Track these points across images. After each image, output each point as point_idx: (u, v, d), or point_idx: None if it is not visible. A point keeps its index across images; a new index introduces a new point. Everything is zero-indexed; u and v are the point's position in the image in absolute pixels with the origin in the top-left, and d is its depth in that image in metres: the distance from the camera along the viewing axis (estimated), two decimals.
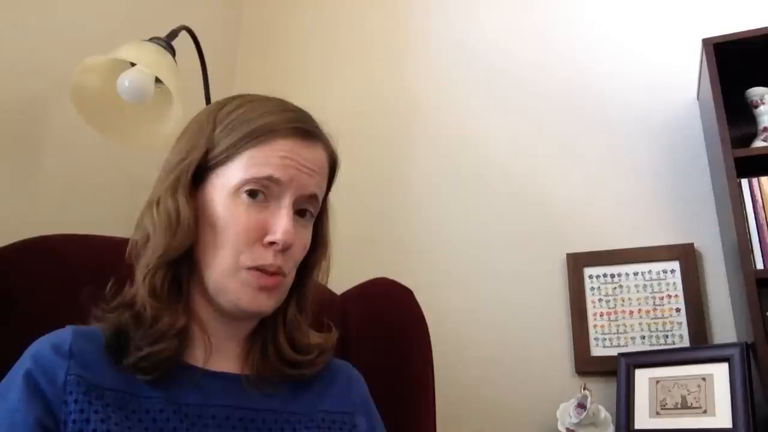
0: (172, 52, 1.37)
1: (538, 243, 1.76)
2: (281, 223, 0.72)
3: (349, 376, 0.88)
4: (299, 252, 0.77)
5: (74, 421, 0.64)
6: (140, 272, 0.72)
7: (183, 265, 0.73)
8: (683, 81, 1.73)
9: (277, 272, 0.72)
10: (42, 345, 0.69)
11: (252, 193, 0.72)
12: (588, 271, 1.69)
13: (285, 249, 0.72)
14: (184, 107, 1.29)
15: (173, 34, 1.42)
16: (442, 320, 1.63)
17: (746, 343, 1.39)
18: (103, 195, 1.51)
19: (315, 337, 0.83)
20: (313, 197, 0.77)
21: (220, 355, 0.77)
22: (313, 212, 0.79)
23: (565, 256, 1.72)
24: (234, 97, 0.81)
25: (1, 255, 0.99)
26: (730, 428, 1.30)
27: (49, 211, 1.37)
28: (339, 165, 0.84)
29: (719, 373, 1.38)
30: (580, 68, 1.86)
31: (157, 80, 1.31)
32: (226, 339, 0.78)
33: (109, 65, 1.31)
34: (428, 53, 2.04)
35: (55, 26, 1.43)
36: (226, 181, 0.73)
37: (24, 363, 0.67)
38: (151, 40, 1.36)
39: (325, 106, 0.83)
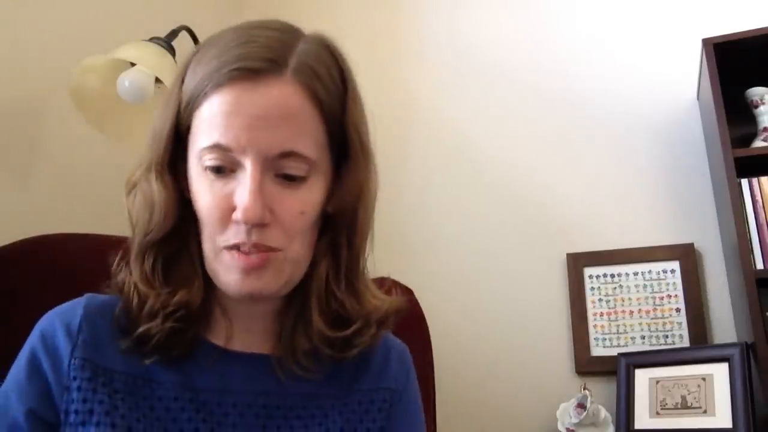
0: (172, 52, 1.38)
1: (538, 243, 1.76)
2: (242, 197, 0.59)
3: (389, 346, 0.77)
4: (291, 219, 0.61)
5: (76, 412, 0.60)
6: (132, 257, 0.66)
7: (186, 241, 0.65)
8: (683, 81, 1.73)
9: (260, 250, 0.61)
10: (51, 320, 0.65)
11: (215, 169, 0.60)
12: (588, 271, 1.69)
13: (258, 225, 0.60)
14: None
15: (173, 34, 1.42)
16: (442, 320, 1.63)
17: (746, 343, 1.39)
18: (103, 195, 1.51)
19: (362, 304, 0.69)
20: (288, 155, 0.60)
21: (249, 334, 0.69)
22: (302, 170, 0.61)
23: (565, 256, 1.72)
24: (219, 32, 0.66)
25: (1, 254, 0.99)
26: (730, 428, 1.30)
27: (49, 211, 1.37)
28: (343, 94, 0.66)
29: (719, 373, 1.38)
30: (579, 68, 1.86)
31: (157, 80, 1.32)
32: (252, 317, 0.69)
33: (109, 65, 1.31)
34: (429, 54, 2.04)
35: (55, 26, 1.43)
36: (193, 149, 0.63)
37: (32, 338, 0.64)
38: (151, 40, 1.37)
39: None
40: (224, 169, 0.60)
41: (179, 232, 0.65)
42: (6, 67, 1.30)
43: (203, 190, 0.61)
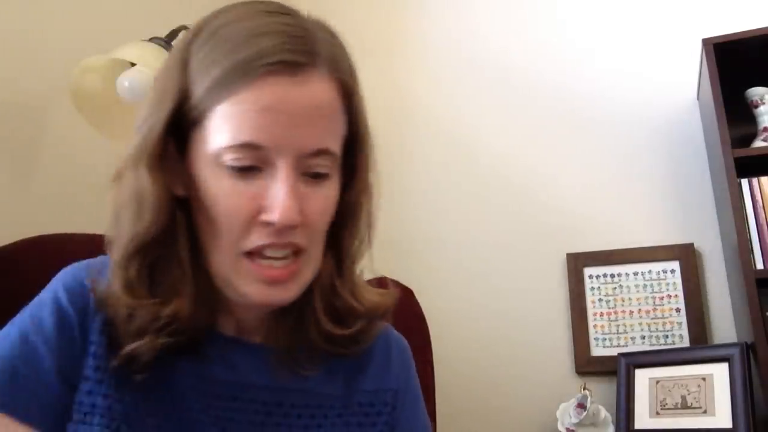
0: None
1: (538, 243, 1.76)
2: (278, 198, 0.55)
3: (388, 343, 0.74)
4: (316, 218, 0.59)
5: (86, 378, 0.56)
6: (113, 263, 0.59)
7: (175, 245, 0.59)
8: (683, 81, 1.73)
9: (287, 256, 0.57)
10: (79, 275, 0.61)
11: (239, 169, 0.56)
12: (588, 271, 1.69)
13: (289, 228, 0.56)
14: None
15: (173, 34, 1.42)
16: (442, 320, 1.63)
17: (746, 343, 1.39)
18: (103, 195, 1.51)
19: (362, 301, 0.66)
20: (321, 153, 0.57)
21: (248, 324, 0.66)
22: (329, 167, 0.59)
23: (565, 256, 1.72)
24: (212, 16, 0.60)
25: (1, 254, 0.99)
26: (730, 428, 1.30)
27: (49, 211, 1.37)
28: (356, 84, 0.63)
29: (719, 373, 1.38)
30: (580, 68, 1.86)
31: None
32: (252, 310, 0.65)
33: (109, 65, 1.31)
34: (429, 54, 2.04)
35: (55, 26, 1.43)
36: (206, 146, 0.57)
37: (58, 291, 0.60)
38: (151, 40, 1.37)
39: None
40: (249, 169, 0.56)
41: (168, 234, 0.59)
42: (6, 67, 1.30)
43: (222, 191, 0.56)
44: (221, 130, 0.55)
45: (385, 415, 0.69)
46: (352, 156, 0.64)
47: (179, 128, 0.58)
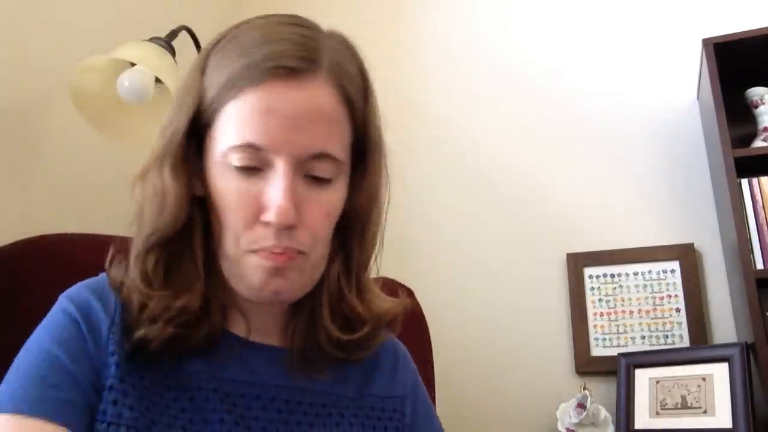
0: (172, 52, 1.38)
1: (538, 243, 1.76)
2: (274, 198, 0.57)
3: (394, 352, 0.77)
4: (318, 222, 0.61)
5: (111, 388, 0.57)
6: (132, 254, 0.62)
7: (190, 242, 0.62)
8: (683, 81, 1.73)
9: (285, 252, 0.59)
10: (84, 294, 0.62)
11: (243, 168, 0.59)
12: (588, 271, 1.69)
13: (287, 227, 0.58)
14: None
15: (173, 34, 1.42)
16: (442, 320, 1.63)
17: (746, 343, 1.39)
18: (103, 195, 1.51)
19: (370, 307, 0.68)
20: (321, 157, 0.59)
21: (262, 326, 0.67)
22: (331, 172, 0.61)
23: (565, 256, 1.72)
24: (234, 26, 0.64)
25: (1, 254, 0.99)
26: (730, 428, 1.30)
27: (49, 211, 1.37)
28: (363, 93, 0.65)
29: (719, 373, 1.38)
30: (580, 68, 1.86)
31: (157, 80, 1.32)
32: (264, 315, 0.67)
33: (109, 65, 1.31)
34: (430, 54, 2.04)
35: (55, 26, 1.43)
36: (216, 145, 0.60)
37: (67, 309, 0.60)
38: (151, 40, 1.37)
39: None
40: (252, 169, 0.59)
41: (185, 231, 0.62)
42: (6, 67, 1.30)
43: (228, 190, 0.59)
44: (228, 130, 0.59)
45: (395, 421, 0.71)
46: (362, 163, 0.66)
47: (198, 130, 0.62)
